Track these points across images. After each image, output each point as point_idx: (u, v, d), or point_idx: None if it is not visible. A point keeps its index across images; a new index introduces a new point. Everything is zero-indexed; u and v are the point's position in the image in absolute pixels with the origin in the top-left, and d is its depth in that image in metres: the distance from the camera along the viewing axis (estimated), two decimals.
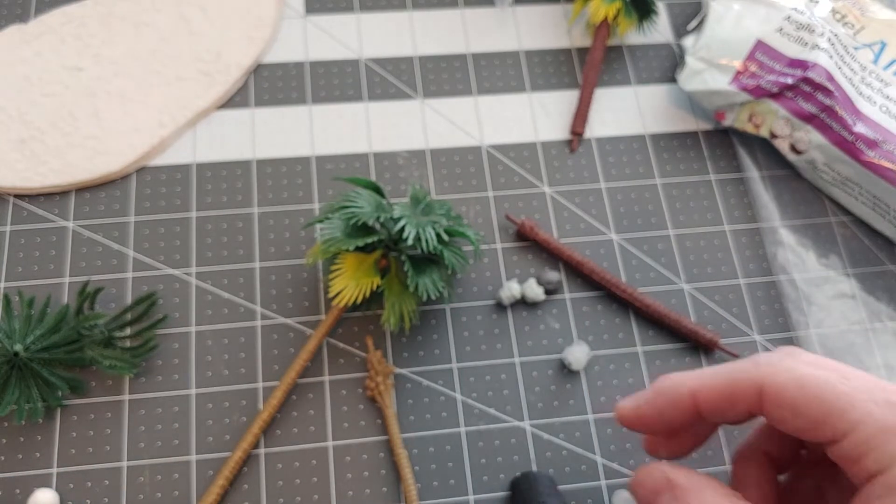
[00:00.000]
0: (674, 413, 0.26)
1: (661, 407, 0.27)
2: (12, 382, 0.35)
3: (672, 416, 0.27)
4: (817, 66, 0.41)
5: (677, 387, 0.26)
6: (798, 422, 0.23)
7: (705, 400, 0.26)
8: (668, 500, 0.25)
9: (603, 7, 0.46)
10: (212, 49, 0.44)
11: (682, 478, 0.25)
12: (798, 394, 0.23)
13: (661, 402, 0.27)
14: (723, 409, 0.26)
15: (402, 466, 0.35)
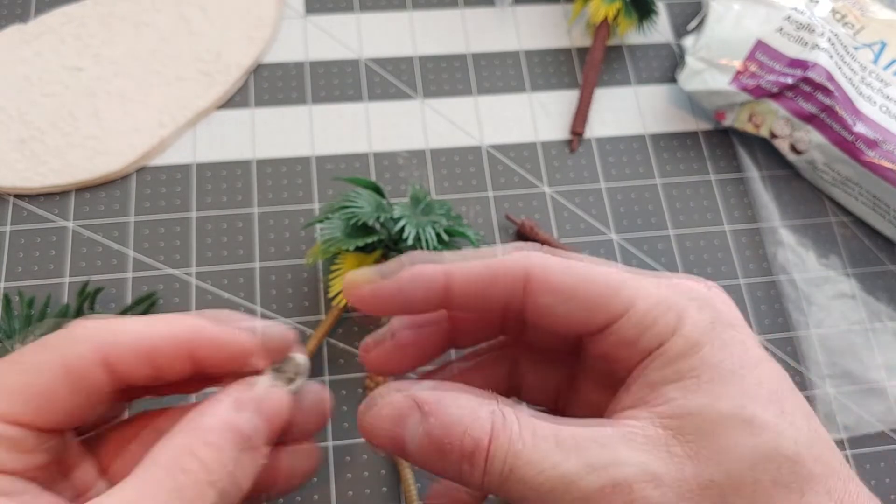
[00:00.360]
0: (418, 293, 0.22)
1: (404, 283, 0.22)
2: None
3: (415, 297, 0.22)
4: (817, 66, 0.41)
5: (428, 265, 0.22)
6: (567, 307, 0.21)
7: (460, 281, 0.22)
8: (418, 422, 0.20)
9: (603, 7, 0.46)
10: (212, 49, 0.44)
11: (427, 392, 0.21)
12: (568, 276, 0.21)
13: (407, 278, 0.22)
14: (478, 295, 0.22)
15: (402, 466, 0.35)
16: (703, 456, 0.18)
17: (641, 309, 0.20)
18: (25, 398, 0.19)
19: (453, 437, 0.20)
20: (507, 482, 0.19)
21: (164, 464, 0.19)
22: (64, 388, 0.20)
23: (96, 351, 0.20)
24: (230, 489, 0.19)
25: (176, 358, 0.21)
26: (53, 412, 0.19)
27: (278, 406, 0.21)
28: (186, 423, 0.20)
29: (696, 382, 0.19)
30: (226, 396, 0.21)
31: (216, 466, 0.19)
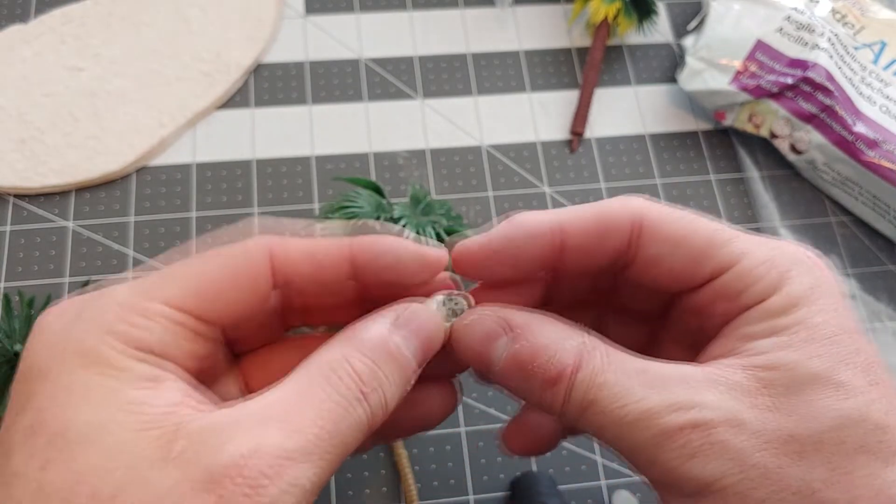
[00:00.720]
0: (532, 250, 0.22)
1: (518, 242, 0.22)
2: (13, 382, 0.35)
3: (529, 255, 0.22)
4: (817, 66, 0.41)
5: (539, 220, 0.22)
6: (676, 258, 0.21)
7: (574, 233, 0.22)
8: (505, 344, 0.21)
9: (603, 7, 0.46)
10: (212, 49, 0.44)
11: (518, 316, 0.21)
12: (679, 225, 0.21)
13: (520, 237, 0.22)
14: (591, 246, 0.22)
15: (402, 466, 0.35)
16: (788, 410, 0.19)
17: (747, 265, 0.21)
18: (190, 283, 0.20)
19: (538, 362, 0.20)
20: (587, 412, 0.20)
21: (320, 370, 0.19)
22: (231, 280, 0.20)
23: (263, 245, 0.21)
24: (379, 404, 0.19)
25: (336, 258, 0.21)
26: (218, 304, 0.20)
27: (435, 332, 0.21)
28: (344, 336, 0.20)
29: (790, 339, 0.19)
30: (388, 312, 0.21)
31: (369, 379, 0.19)
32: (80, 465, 0.17)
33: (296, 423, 0.18)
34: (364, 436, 0.19)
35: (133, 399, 0.18)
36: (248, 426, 0.18)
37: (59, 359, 0.18)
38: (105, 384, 0.18)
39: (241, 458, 0.17)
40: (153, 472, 0.17)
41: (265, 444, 0.17)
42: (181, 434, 0.17)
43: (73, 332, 0.18)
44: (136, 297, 0.19)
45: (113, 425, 0.17)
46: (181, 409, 0.18)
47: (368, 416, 0.19)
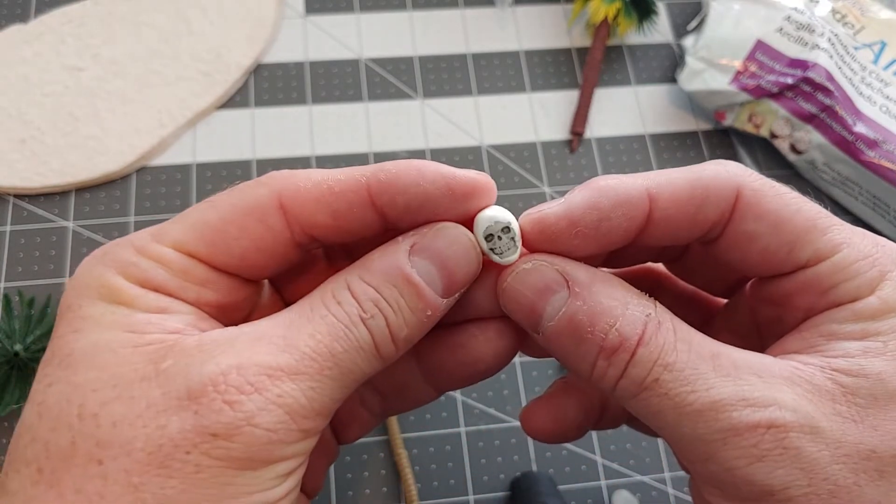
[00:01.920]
0: (621, 222, 0.19)
1: (605, 211, 0.19)
2: (13, 382, 0.35)
3: (617, 228, 0.19)
4: (817, 66, 0.41)
5: (629, 185, 0.19)
6: (774, 237, 0.19)
7: (666, 202, 0.19)
8: (562, 299, 0.19)
9: (603, 7, 0.46)
10: (212, 49, 0.44)
11: (581, 272, 0.19)
12: (780, 202, 0.19)
13: (607, 205, 0.19)
14: (683, 217, 0.19)
15: (402, 466, 0.35)
16: (870, 424, 0.17)
17: (847, 257, 0.19)
18: (200, 231, 0.19)
19: (598, 328, 0.18)
20: (647, 392, 0.18)
21: (321, 295, 0.19)
22: (237, 226, 0.19)
23: (273, 193, 0.19)
24: (381, 331, 0.18)
25: (355, 202, 0.19)
26: (225, 250, 0.19)
27: (464, 256, 0.19)
28: (357, 263, 0.19)
29: (882, 347, 0.18)
30: (405, 238, 0.19)
31: (370, 305, 0.18)
32: (78, 380, 0.17)
33: (287, 342, 0.17)
34: (373, 364, 0.19)
35: (139, 321, 0.18)
36: (240, 344, 0.17)
37: (81, 293, 0.19)
38: (115, 311, 0.18)
39: (222, 372, 0.17)
40: (139, 386, 0.17)
41: (251, 360, 0.17)
42: (174, 351, 0.17)
43: (95, 269, 0.19)
44: (149, 240, 0.19)
45: (115, 343, 0.18)
46: (186, 329, 0.18)
47: (369, 342, 0.18)
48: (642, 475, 0.37)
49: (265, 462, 0.17)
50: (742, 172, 0.20)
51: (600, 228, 0.19)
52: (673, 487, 0.37)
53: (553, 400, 0.24)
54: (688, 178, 0.19)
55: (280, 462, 0.17)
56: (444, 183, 0.19)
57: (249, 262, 0.20)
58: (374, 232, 0.20)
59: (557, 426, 0.24)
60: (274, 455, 0.17)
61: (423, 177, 0.19)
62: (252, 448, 0.16)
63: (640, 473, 0.37)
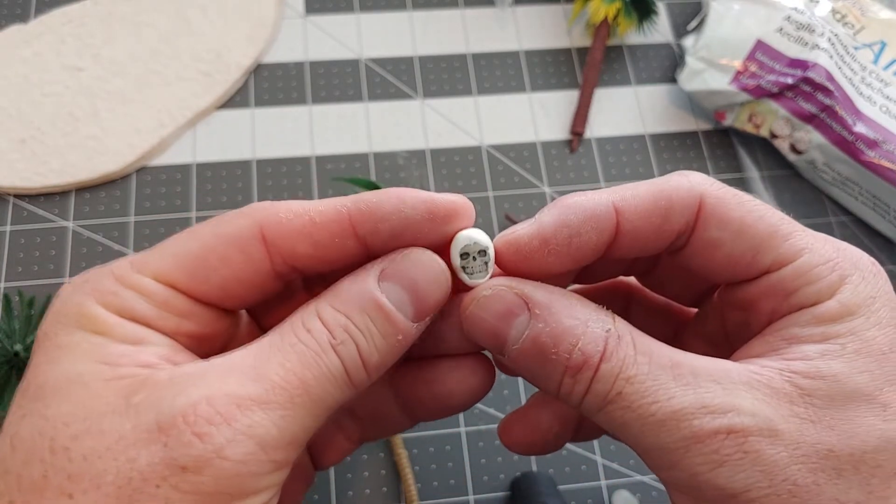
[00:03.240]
0: (591, 237, 0.20)
1: (575, 227, 0.19)
2: (12, 382, 0.35)
3: (587, 243, 0.20)
4: (817, 66, 0.41)
5: (596, 201, 0.20)
6: (736, 244, 0.20)
7: (633, 214, 0.20)
8: (524, 322, 0.19)
9: (603, 7, 0.46)
10: (212, 49, 0.44)
11: (540, 293, 0.19)
12: (743, 210, 0.20)
13: (576, 221, 0.19)
14: (649, 229, 0.20)
15: (402, 466, 0.35)
16: (827, 424, 0.17)
17: (808, 262, 0.19)
18: (180, 261, 0.19)
19: (561, 349, 0.19)
20: (611, 406, 0.18)
21: (291, 324, 0.19)
22: (217, 256, 0.19)
23: (254, 224, 0.19)
24: (352, 358, 0.18)
25: (337, 233, 0.19)
26: (205, 280, 0.19)
27: (433, 280, 0.19)
28: (327, 290, 0.19)
29: (840, 349, 0.18)
30: (374, 265, 0.19)
31: (340, 332, 0.18)
32: (50, 412, 0.17)
33: (257, 372, 0.17)
34: (344, 391, 0.18)
35: (112, 353, 0.18)
36: (210, 376, 0.17)
37: (59, 321, 0.19)
38: (91, 340, 0.18)
39: (191, 404, 0.16)
40: (110, 419, 0.17)
41: (221, 390, 0.17)
42: (146, 385, 0.17)
43: (74, 297, 0.19)
44: (130, 269, 0.19)
45: (87, 376, 0.17)
46: (160, 364, 0.18)
47: (339, 369, 0.18)
48: (642, 475, 0.37)
49: (236, 495, 0.17)
50: (704, 182, 0.20)
51: (571, 244, 0.20)
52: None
53: (529, 412, 0.25)
54: (651, 189, 0.20)
55: (252, 495, 0.17)
56: (424, 208, 0.19)
57: (230, 292, 0.20)
58: (355, 261, 0.20)
59: (534, 438, 0.24)
60: (245, 488, 0.17)
61: (404, 203, 0.19)
62: (222, 481, 0.16)
63: (640, 473, 0.37)
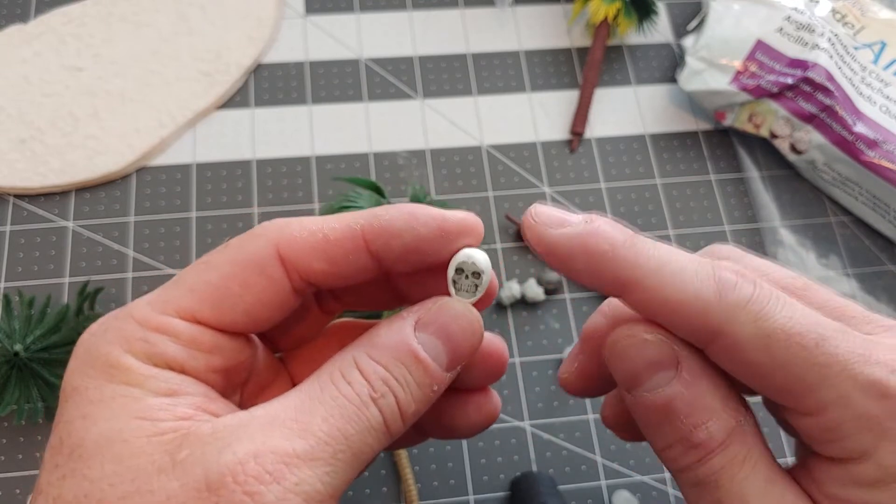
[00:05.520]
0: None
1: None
2: (12, 382, 0.35)
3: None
4: (817, 66, 0.41)
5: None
6: (758, 382, 0.19)
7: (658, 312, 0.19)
8: (667, 379, 0.19)
9: (603, 7, 0.46)
10: (212, 49, 0.44)
11: (696, 361, 0.19)
12: (763, 357, 0.18)
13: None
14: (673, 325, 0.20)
15: (402, 466, 0.35)
16: None
17: (835, 419, 0.18)
18: (202, 294, 0.19)
19: (690, 420, 0.19)
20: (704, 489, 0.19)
21: (329, 374, 0.19)
22: (238, 283, 0.19)
23: (270, 244, 0.19)
24: (391, 410, 0.19)
25: (350, 249, 0.20)
26: (230, 309, 0.19)
27: (467, 330, 0.20)
28: (363, 338, 0.19)
29: None
30: (409, 314, 0.20)
31: (380, 384, 0.18)
32: (94, 474, 0.17)
33: (301, 427, 0.17)
34: (381, 442, 0.19)
35: (150, 406, 0.18)
36: (254, 430, 0.17)
37: (87, 374, 0.18)
38: (126, 393, 0.18)
39: (240, 462, 0.16)
40: (158, 479, 0.17)
41: (267, 447, 0.17)
42: (189, 440, 0.17)
43: (100, 348, 0.18)
44: (152, 311, 0.19)
45: (127, 433, 0.17)
46: (197, 415, 0.18)
47: (380, 421, 0.18)
48: (642, 475, 0.37)
49: None
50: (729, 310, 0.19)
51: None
52: (673, 487, 0.37)
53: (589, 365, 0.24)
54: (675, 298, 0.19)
55: None
56: (435, 225, 0.20)
57: (255, 317, 0.20)
58: (369, 276, 0.20)
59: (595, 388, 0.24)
60: None
61: (416, 220, 0.20)
62: None
63: (640, 473, 0.37)
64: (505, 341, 0.22)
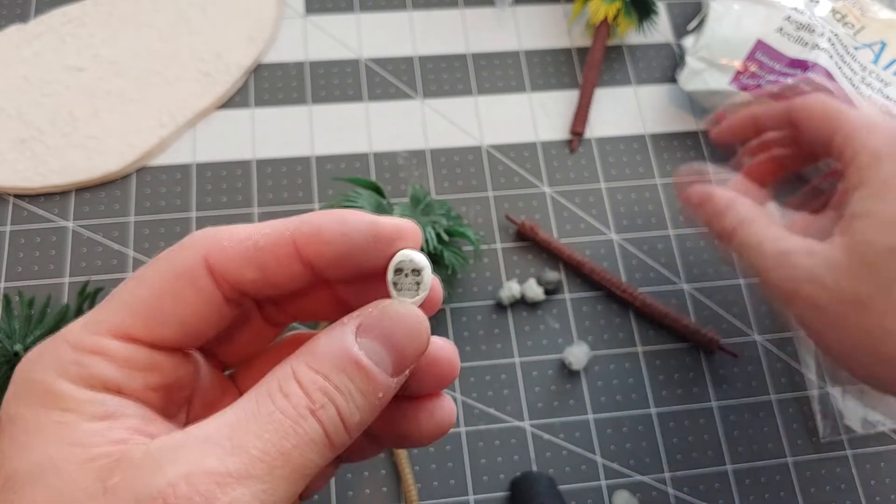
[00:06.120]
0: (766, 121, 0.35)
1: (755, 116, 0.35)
2: None
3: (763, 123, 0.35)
4: (817, 66, 0.41)
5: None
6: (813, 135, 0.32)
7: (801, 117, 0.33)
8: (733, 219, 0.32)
9: (603, 7, 0.46)
10: (212, 49, 0.44)
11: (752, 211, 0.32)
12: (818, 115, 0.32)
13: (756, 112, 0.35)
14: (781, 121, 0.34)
15: (402, 466, 0.35)
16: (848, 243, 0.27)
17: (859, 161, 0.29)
18: (134, 310, 0.19)
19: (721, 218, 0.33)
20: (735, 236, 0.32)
21: (267, 388, 0.18)
22: (169, 296, 0.19)
23: (198, 255, 0.19)
24: (333, 421, 0.18)
25: (281, 256, 0.19)
26: (163, 324, 0.19)
27: (413, 332, 0.19)
28: (303, 347, 0.19)
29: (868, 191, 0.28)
30: (350, 319, 0.19)
31: (319, 395, 0.18)
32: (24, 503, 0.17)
33: (235, 444, 0.17)
34: (325, 455, 0.18)
35: (84, 432, 0.17)
36: (187, 450, 0.17)
37: (23, 402, 0.18)
38: (60, 420, 0.17)
39: (171, 484, 0.16)
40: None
41: (199, 468, 0.16)
42: (121, 465, 0.17)
43: (34, 374, 0.18)
44: (85, 332, 0.18)
45: (60, 461, 0.17)
46: (133, 438, 0.18)
47: (320, 434, 0.18)
48: (642, 475, 0.37)
49: None
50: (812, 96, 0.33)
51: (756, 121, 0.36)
52: (673, 487, 0.37)
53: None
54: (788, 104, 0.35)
55: None
56: (368, 230, 0.19)
57: (189, 331, 0.19)
58: (303, 283, 0.20)
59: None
60: None
61: (347, 225, 0.19)
62: None
63: (640, 473, 0.37)
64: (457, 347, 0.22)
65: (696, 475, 0.38)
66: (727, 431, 0.38)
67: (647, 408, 0.39)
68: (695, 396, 0.39)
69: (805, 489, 0.38)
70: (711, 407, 0.39)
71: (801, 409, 0.39)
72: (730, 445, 0.38)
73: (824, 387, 0.39)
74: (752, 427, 0.39)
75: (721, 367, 0.40)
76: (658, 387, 0.39)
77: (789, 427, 0.39)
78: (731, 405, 0.39)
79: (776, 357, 0.40)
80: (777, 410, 0.39)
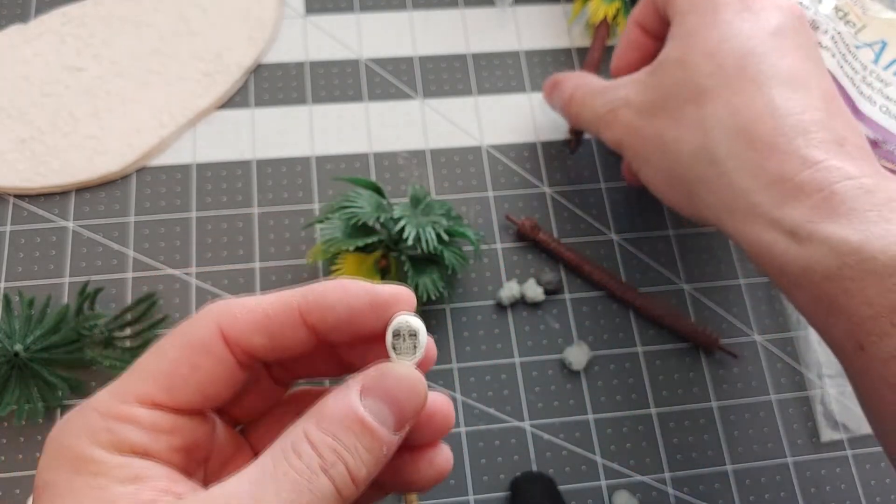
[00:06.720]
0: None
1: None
2: (12, 382, 0.35)
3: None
4: None
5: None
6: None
7: None
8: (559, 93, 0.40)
9: (603, 7, 0.46)
10: (212, 49, 0.44)
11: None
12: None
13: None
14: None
15: None
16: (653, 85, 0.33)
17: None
18: (156, 379, 0.20)
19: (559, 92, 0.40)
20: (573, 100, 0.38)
21: (282, 448, 0.19)
22: (187, 365, 0.20)
23: (213, 325, 0.21)
24: (343, 478, 0.19)
25: (289, 324, 0.21)
26: (183, 390, 0.20)
27: (411, 391, 0.21)
28: (313, 409, 0.20)
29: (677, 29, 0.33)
30: (354, 381, 0.21)
31: (329, 454, 0.19)
32: None
33: (257, 502, 0.18)
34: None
35: (116, 495, 0.19)
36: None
37: (56, 468, 0.19)
38: (93, 484, 0.19)
39: None
40: None
41: None
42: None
43: (65, 441, 0.20)
44: (113, 400, 0.20)
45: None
46: (160, 497, 0.19)
47: (331, 490, 0.19)
48: (642, 475, 0.37)
49: None
50: None
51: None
52: (673, 487, 0.37)
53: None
54: None
55: None
56: (367, 298, 0.21)
57: (206, 394, 0.21)
58: (309, 347, 0.22)
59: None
60: None
61: (348, 293, 0.21)
62: None
63: (640, 473, 0.37)
64: (451, 400, 0.24)
65: (696, 475, 0.38)
66: (727, 431, 0.38)
67: (647, 408, 0.39)
68: (695, 396, 0.39)
69: (805, 489, 0.38)
70: (711, 407, 0.39)
71: (801, 409, 0.39)
72: (730, 445, 0.38)
73: (824, 387, 0.39)
74: (752, 427, 0.39)
75: (721, 367, 0.40)
76: (658, 387, 0.39)
77: (789, 427, 0.39)
78: (731, 405, 0.39)
79: (776, 357, 0.40)
80: (777, 410, 0.39)
